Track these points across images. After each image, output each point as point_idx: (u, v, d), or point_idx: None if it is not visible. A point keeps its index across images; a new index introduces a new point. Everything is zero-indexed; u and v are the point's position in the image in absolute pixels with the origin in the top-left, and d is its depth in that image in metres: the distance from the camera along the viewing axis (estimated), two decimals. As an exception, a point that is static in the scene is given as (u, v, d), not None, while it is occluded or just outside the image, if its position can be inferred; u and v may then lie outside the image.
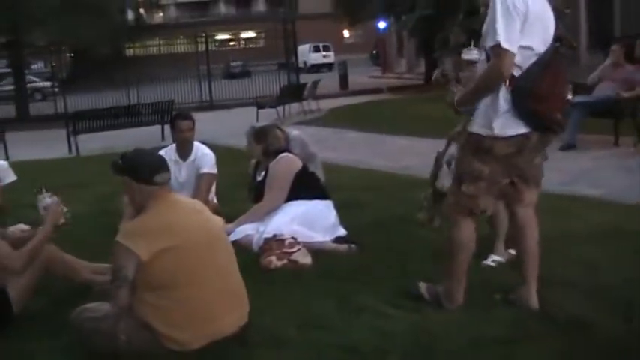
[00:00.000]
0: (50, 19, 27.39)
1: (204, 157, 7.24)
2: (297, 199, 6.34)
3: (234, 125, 17.06)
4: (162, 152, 7.21)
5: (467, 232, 4.48)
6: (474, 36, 5.09)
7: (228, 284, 4.19)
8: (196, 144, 7.30)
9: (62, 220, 5.18)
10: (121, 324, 4.03)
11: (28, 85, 33.78)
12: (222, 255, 4.26)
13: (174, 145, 7.37)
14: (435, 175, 5.84)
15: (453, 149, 5.63)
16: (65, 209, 5.23)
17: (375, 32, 47.50)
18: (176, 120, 7.36)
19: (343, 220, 6.56)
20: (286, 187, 6.36)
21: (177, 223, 4.08)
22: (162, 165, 4.23)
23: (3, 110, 30.07)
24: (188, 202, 4.51)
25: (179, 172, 7.20)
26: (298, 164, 6.52)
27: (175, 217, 4.11)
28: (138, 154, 4.33)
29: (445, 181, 5.58)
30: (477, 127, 4.35)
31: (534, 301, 4.50)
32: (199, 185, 7.07)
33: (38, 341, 4.46)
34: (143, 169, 4.13)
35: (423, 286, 4.78)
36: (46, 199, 5.16)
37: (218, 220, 4.59)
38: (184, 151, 7.27)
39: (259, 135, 6.68)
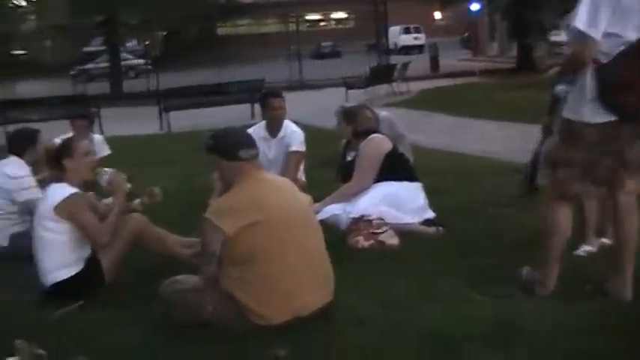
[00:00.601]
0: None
1: (293, 134, 7.27)
2: (386, 179, 6.29)
3: (323, 105, 17.05)
4: (251, 130, 7.25)
5: (562, 216, 4.39)
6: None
7: (311, 264, 4.19)
8: (286, 122, 7.32)
9: (128, 186, 5.29)
10: (208, 296, 4.11)
11: (122, 63, 34.51)
12: (307, 235, 4.26)
13: (263, 122, 7.41)
14: (532, 175, 5.58)
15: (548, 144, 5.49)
16: (128, 183, 5.32)
17: (466, 15, 46.82)
18: (267, 97, 7.41)
19: (431, 203, 6.50)
20: (376, 168, 6.32)
21: (261, 199, 4.13)
22: (247, 141, 4.31)
23: (98, 87, 30.86)
24: (277, 180, 4.58)
25: (268, 149, 7.23)
26: (388, 145, 6.46)
27: (260, 193, 4.16)
28: (225, 132, 4.47)
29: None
30: (568, 112, 4.28)
31: (628, 292, 4.36)
32: (288, 162, 7.10)
33: (124, 311, 4.58)
34: (229, 146, 4.23)
35: (525, 270, 4.68)
36: (105, 175, 5.27)
37: (306, 199, 4.60)
38: (274, 128, 7.30)
39: (349, 115, 6.66)
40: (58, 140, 7.47)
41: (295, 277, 4.08)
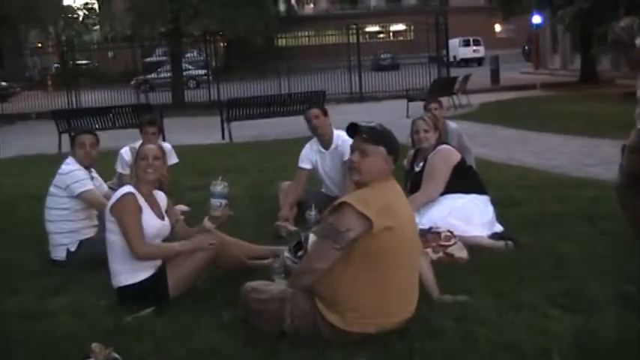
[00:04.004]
0: (210, 10, 28.38)
1: (345, 143, 7.23)
2: (454, 192, 6.26)
3: (384, 117, 17.06)
4: (308, 144, 7.37)
5: None
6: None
7: (412, 281, 4.24)
8: (336, 132, 7.29)
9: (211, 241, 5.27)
10: (287, 307, 4.10)
11: (183, 73, 34.91)
12: (416, 251, 4.31)
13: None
14: None
15: None
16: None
17: (527, 27, 46.41)
18: (305, 111, 7.47)
19: (497, 216, 6.45)
20: (445, 178, 6.28)
21: (399, 207, 4.15)
22: None
23: (160, 97, 31.31)
24: (402, 191, 4.42)
25: (324, 160, 7.34)
26: (457, 156, 6.42)
27: (395, 200, 4.17)
28: (389, 130, 4.31)
29: None
30: None
31: None
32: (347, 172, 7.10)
33: (200, 316, 4.62)
34: (397, 146, 4.23)
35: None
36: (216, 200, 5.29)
37: None
38: (322, 140, 7.33)
39: (438, 121, 6.61)
40: (128, 148, 7.65)
41: (399, 293, 4.11)
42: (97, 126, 16.90)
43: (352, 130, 4.27)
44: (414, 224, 4.38)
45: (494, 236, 6.14)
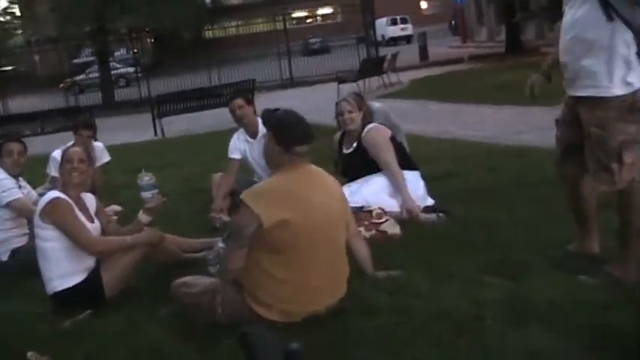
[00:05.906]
0: (136, 6, 28.05)
1: None
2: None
3: (315, 101, 17.14)
4: (236, 134, 7.36)
5: None
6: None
7: (336, 264, 4.23)
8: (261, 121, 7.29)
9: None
10: (218, 297, 4.11)
11: (112, 72, 34.45)
12: (337, 236, 4.26)
13: None
14: None
15: None
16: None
17: (453, 1, 46.87)
18: (229, 102, 7.44)
19: (430, 190, 6.52)
20: (391, 150, 6.30)
21: (304, 196, 4.05)
22: (307, 137, 4.13)
23: (90, 98, 30.87)
24: (319, 177, 4.32)
25: (252, 149, 7.33)
26: (388, 132, 6.46)
27: (300, 190, 4.07)
28: (290, 115, 4.22)
29: None
30: (615, 88, 4.12)
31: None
32: None
33: (135, 316, 4.58)
34: (289, 134, 4.07)
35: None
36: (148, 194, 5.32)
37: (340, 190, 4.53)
38: (250, 129, 7.32)
39: (362, 102, 6.63)
40: (60, 151, 7.55)
41: (323, 278, 4.10)
42: (27, 132, 16.58)
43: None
44: (331, 208, 4.19)
45: (427, 209, 6.21)
